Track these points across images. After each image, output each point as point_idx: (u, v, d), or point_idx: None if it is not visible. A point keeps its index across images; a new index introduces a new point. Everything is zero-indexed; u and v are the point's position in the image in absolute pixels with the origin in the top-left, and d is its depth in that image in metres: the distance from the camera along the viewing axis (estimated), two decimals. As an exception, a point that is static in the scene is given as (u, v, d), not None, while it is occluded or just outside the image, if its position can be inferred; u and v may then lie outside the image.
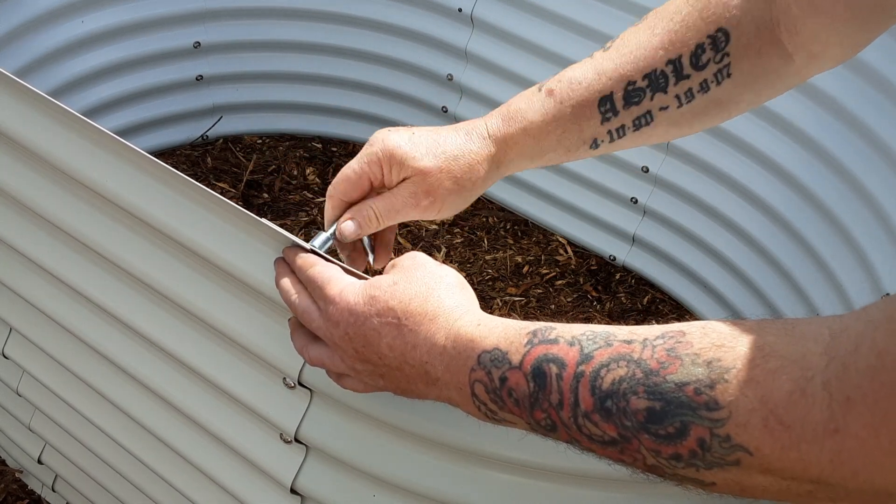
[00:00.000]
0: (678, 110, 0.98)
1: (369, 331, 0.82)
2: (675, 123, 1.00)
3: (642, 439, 0.67)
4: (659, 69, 0.97)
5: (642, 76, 0.97)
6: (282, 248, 0.94)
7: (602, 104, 0.98)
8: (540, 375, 0.72)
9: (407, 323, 0.81)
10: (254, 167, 2.32)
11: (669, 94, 0.97)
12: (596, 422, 0.69)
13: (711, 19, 0.95)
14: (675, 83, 0.97)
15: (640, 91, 0.97)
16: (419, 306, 0.81)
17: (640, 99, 0.98)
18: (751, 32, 0.95)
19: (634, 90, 0.98)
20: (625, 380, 0.67)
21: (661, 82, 0.97)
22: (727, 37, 0.95)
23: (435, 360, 0.80)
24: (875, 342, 0.58)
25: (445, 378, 0.79)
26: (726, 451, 0.63)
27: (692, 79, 0.97)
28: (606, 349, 0.69)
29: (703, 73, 0.97)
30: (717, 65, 0.96)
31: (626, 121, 0.99)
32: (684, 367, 0.65)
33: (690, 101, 0.98)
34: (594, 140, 1.01)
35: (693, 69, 0.96)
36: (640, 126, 1.00)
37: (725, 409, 0.63)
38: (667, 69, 0.97)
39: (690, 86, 0.97)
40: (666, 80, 0.97)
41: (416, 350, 0.80)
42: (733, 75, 0.96)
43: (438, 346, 0.79)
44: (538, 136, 1.01)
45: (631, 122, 0.99)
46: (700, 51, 0.96)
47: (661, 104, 0.98)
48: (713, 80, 0.97)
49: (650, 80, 0.97)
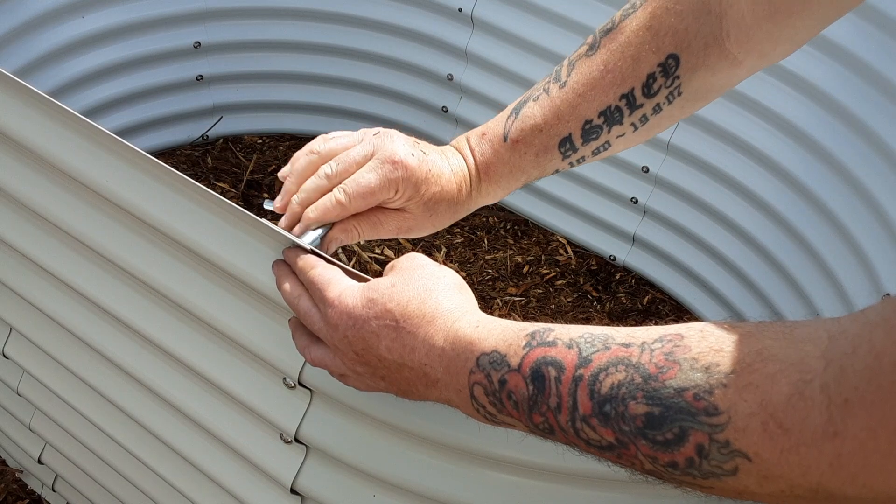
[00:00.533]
0: (633, 134, 1.02)
1: (368, 334, 0.82)
2: (631, 141, 1.04)
3: (639, 445, 0.67)
4: (613, 105, 1.00)
5: (598, 114, 1.00)
6: (282, 249, 0.94)
7: (562, 145, 1.02)
8: (539, 378, 0.72)
9: (405, 325, 0.81)
10: (254, 167, 2.32)
11: (625, 124, 1.01)
12: (594, 426, 0.69)
13: (663, 48, 0.97)
14: (629, 114, 1.00)
15: (597, 128, 1.01)
16: (417, 308, 0.81)
17: (597, 135, 1.02)
18: (699, 51, 0.96)
19: (591, 128, 1.01)
20: (623, 384, 0.67)
21: (617, 116, 1.00)
22: (677, 61, 0.97)
23: (434, 363, 0.80)
24: (872, 344, 0.58)
25: (445, 380, 0.79)
26: (724, 458, 0.63)
27: (645, 106, 1.00)
28: (605, 352, 0.69)
29: (656, 98, 0.99)
30: (668, 88, 0.99)
31: (586, 153, 1.03)
32: (683, 372, 0.65)
33: (645, 123, 1.01)
34: (556, 170, 1.06)
35: (645, 98, 0.99)
36: (599, 153, 1.04)
37: (725, 415, 0.62)
38: (620, 103, 1.00)
39: (644, 112, 1.00)
40: (621, 114, 1.00)
41: (414, 352, 0.80)
42: (684, 93, 0.99)
43: (437, 349, 0.79)
44: (506, 175, 1.05)
45: (590, 152, 1.03)
46: (651, 80, 0.98)
47: (618, 133, 1.02)
48: (665, 102, 1.00)
49: (605, 117, 1.00)
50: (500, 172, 1.04)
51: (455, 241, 2.21)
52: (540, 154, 1.03)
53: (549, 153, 1.03)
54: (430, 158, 1.00)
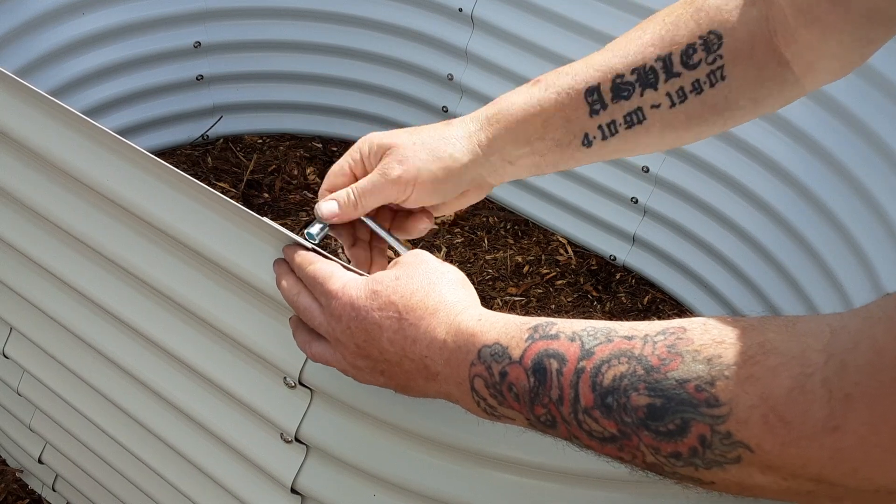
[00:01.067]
0: (671, 110, 0.96)
1: (370, 325, 0.82)
2: (670, 125, 0.98)
3: (642, 436, 0.67)
4: (648, 65, 0.95)
5: (631, 70, 0.96)
6: (282, 248, 0.94)
7: (589, 94, 0.96)
8: (540, 370, 0.72)
9: (408, 317, 0.81)
10: (254, 167, 2.32)
11: (660, 91, 0.96)
12: (596, 418, 0.69)
13: (704, 21, 0.94)
14: (665, 80, 0.95)
15: (628, 85, 0.96)
16: (420, 301, 0.81)
17: (629, 93, 0.96)
18: (744, 38, 0.94)
19: (623, 83, 0.96)
20: (626, 376, 0.67)
21: (651, 78, 0.95)
22: (719, 39, 0.94)
23: (435, 355, 0.80)
24: (874, 339, 0.58)
25: (445, 372, 0.79)
26: (727, 449, 0.63)
27: (683, 77, 0.95)
28: (607, 345, 0.69)
29: (695, 72, 0.95)
30: (710, 66, 0.95)
31: (617, 116, 0.97)
32: (685, 364, 0.65)
33: (683, 100, 0.96)
34: (585, 135, 0.98)
35: (684, 68, 0.95)
36: (633, 124, 0.97)
37: (726, 406, 0.63)
38: (656, 65, 0.95)
39: (682, 84, 0.95)
40: (655, 76, 0.95)
41: (416, 344, 0.80)
42: (727, 78, 0.95)
43: (438, 341, 0.79)
44: (522, 117, 0.99)
45: (622, 117, 0.97)
46: (691, 50, 0.94)
47: (653, 101, 0.96)
48: (706, 81, 0.95)
49: (639, 75, 0.95)
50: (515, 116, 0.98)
51: (455, 241, 2.21)
52: (563, 96, 0.97)
53: (575, 101, 0.97)
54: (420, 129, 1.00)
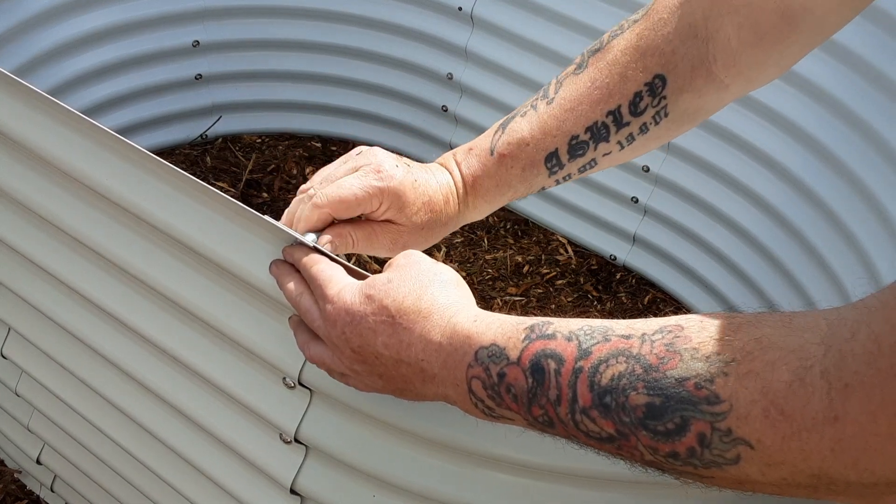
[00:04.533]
0: (620, 152, 1.04)
1: (365, 330, 0.82)
2: (616, 160, 1.05)
3: (640, 436, 0.67)
4: (600, 121, 1.01)
5: (584, 130, 1.02)
6: (282, 247, 0.94)
7: (548, 160, 1.03)
8: (538, 371, 0.72)
9: (401, 321, 0.81)
10: (253, 166, 2.32)
11: (612, 142, 1.02)
12: (594, 418, 0.69)
13: (650, 67, 0.99)
14: (616, 131, 1.01)
15: (583, 144, 1.02)
16: (413, 304, 0.81)
17: (584, 151, 1.03)
18: (686, 74, 0.98)
19: (578, 144, 1.02)
20: (624, 375, 0.68)
21: (603, 133, 1.01)
22: (664, 81, 0.99)
23: (431, 358, 0.80)
24: (871, 328, 0.59)
25: (442, 375, 0.79)
26: (726, 447, 0.63)
27: (632, 125, 1.01)
28: (604, 344, 0.70)
29: (643, 117, 1.01)
30: (655, 108, 1.00)
31: (572, 170, 1.04)
32: (684, 362, 0.65)
33: (631, 143, 1.03)
34: (542, 188, 1.06)
35: (632, 116, 1.01)
36: (585, 170, 1.05)
37: (726, 403, 0.63)
38: (607, 120, 1.01)
39: (631, 131, 1.02)
40: (607, 131, 1.01)
41: (411, 348, 0.81)
42: (671, 114, 1.01)
43: (434, 344, 0.79)
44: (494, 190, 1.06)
45: (576, 170, 1.04)
46: (638, 98, 1.00)
47: (604, 151, 1.03)
48: (652, 122, 1.01)
49: (592, 133, 1.01)
50: (487, 186, 1.05)
51: (455, 241, 2.21)
52: (526, 168, 1.04)
53: (536, 168, 1.04)
54: (414, 171, 1.01)
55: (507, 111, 1.06)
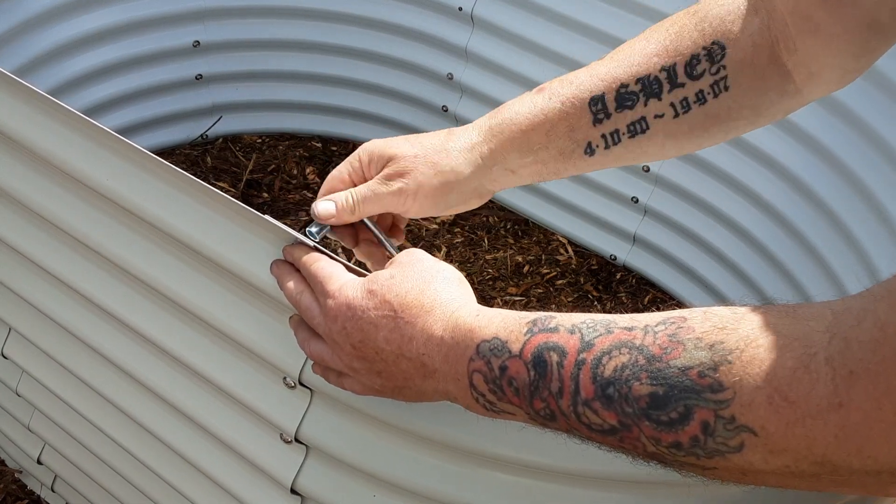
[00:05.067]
0: (674, 120, 0.97)
1: (366, 324, 0.82)
2: (672, 135, 0.99)
3: (643, 427, 0.67)
4: (653, 75, 0.96)
5: (635, 80, 0.97)
6: (282, 246, 0.94)
7: (593, 103, 0.97)
8: (540, 364, 0.72)
9: (403, 315, 0.81)
10: (253, 167, 2.32)
11: (664, 102, 0.97)
12: (596, 409, 0.69)
13: (708, 32, 0.95)
14: (669, 90, 0.96)
15: (632, 95, 0.97)
16: (415, 299, 0.81)
17: (632, 103, 0.97)
18: (748, 48, 0.94)
19: (627, 93, 0.97)
20: (627, 366, 0.67)
21: (655, 87, 0.96)
22: (723, 49, 0.95)
23: (432, 352, 0.80)
24: (877, 315, 0.59)
25: (443, 369, 0.79)
26: (730, 434, 0.63)
27: (687, 87, 0.96)
28: (607, 336, 0.69)
29: (699, 82, 0.96)
30: (713, 76, 0.96)
31: (620, 125, 0.98)
32: (687, 352, 0.65)
33: (687, 111, 0.97)
34: (588, 144, 0.99)
35: (688, 78, 0.96)
36: (636, 133, 0.98)
37: (730, 390, 0.63)
38: (661, 75, 0.96)
39: (685, 95, 0.96)
40: (660, 86, 0.96)
41: (412, 342, 0.80)
42: (731, 88, 0.96)
43: (436, 338, 0.79)
44: (526, 127, 0.99)
45: (625, 126, 0.98)
46: (695, 61, 0.95)
47: (656, 111, 0.97)
48: (710, 92, 0.96)
49: (643, 85, 0.96)
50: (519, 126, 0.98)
51: (455, 241, 2.21)
52: (567, 105, 0.97)
53: (579, 110, 0.97)
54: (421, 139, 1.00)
55: (508, 111, 1.04)
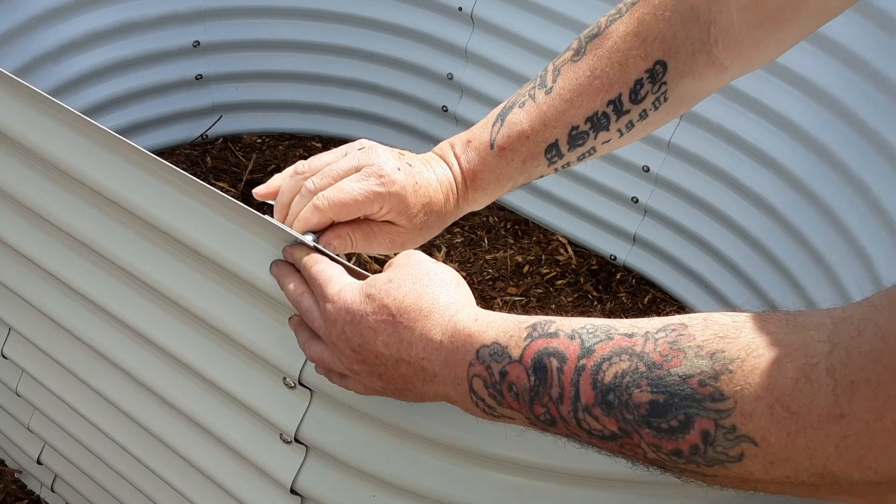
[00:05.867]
0: (619, 139, 1.03)
1: (365, 329, 0.82)
2: (613, 147, 1.04)
3: (643, 433, 0.67)
4: (600, 111, 1.00)
5: (584, 120, 1.01)
6: (283, 247, 0.94)
7: (549, 151, 1.02)
8: (541, 369, 0.72)
9: (402, 320, 0.81)
10: (253, 166, 2.32)
11: (612, 130, 1.01)
12: (597, 416, 0.69)
13: (651, 53, 0.98)
14: (616, 119, 1.01)
15: (583, 134, 1.01)
16: (413, 303, 0.81)
17: (584, 141, 1.02)
18: (687, 58, 0.98)
19: (578, 134, 1.01)
20: (627, 373, 0.67)
21: (604, 122, 1.01)
22: (665, 67, 0.98)
23: (432, 356, 0.80)
24: (878, 326, 0.59)
25: (442, 374, 0.79)
26: (730, 444, 0.63)
27: (631, 112, 1.01)
28: (607, 343, 0.70)
29: (643, 104, 1.00)
30: (655, 94, 1.00)
31: (571, 158, 1.04)
32: (688, 360, 0.65)
33: (630, 129, 1.02)
34: (541, 175, 1.06)
35: (632, 104, 1.00)
36: (584, 158, 1.04)
37: (731, 400, 0.63)
38: (608, 109, 1.00)
39: (630, 118, 1.01)
40: (608, 120, 1.01)
41: (411, 347, 0.80)
42: (670, 99, 1.00)
43: (435, 342, 0.79)
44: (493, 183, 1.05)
45: (575, 158, 1.04)
46: (638, 86, 0.99)
47: (604, 139, 1.02)
48: (651, 108, 1.01)
49: (592, 123, 1.01)
50: (487, 180, 1.04)
51: (455, 241, 2.21)
52: (527, 160, 1.03)
53: (536, 159, 1.03)
54: (416, 171, 1.00)
55: (508, 111, 1.06)
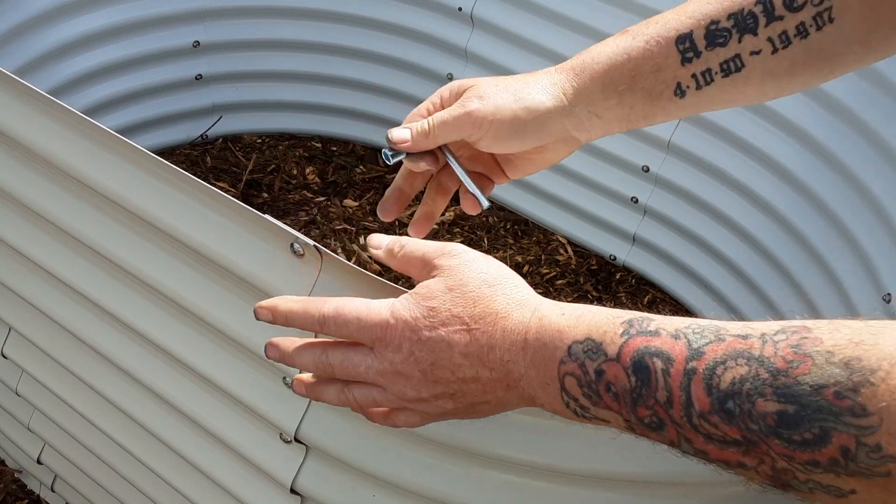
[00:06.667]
0: (773, 56, 0.88)
1: (437, 344, 0.76)
2: (772, 73, 0.90)
3: (772, 444, 0.61)
4: (747, 9, 0.87)
5: (727, 16, 0.88)
6: (288, 244, 0.94)
7: (680, 41, 0.89)
8: (642, 370, 0.67)
9: (478, 326, 0.75)
10: (253, 167, 2.32)
11: (760, 37, 0.87)
12: (715, 423, 0.64)
13: None
14: (766, 24, 0.87)
15: (724, 31, 0.88)
16: (486, 307, 0.76)
17: (724, 40, 0.88)
18: None
19: (718, 30, 0.88)
20: (747, 380, 0.62)
21: (750, 22, 0.87)
22: None
23: (517, 358, 0.74)
24: None
25: (529, 374, 0.74)
26: (874, 462, 0.57)
27: (786, 20, 0.87)
28: (719, 344, 0.64)
29: (800, 14, 0.87)
30: (816, 7, 0.86)
31: (712, 63, 0.89)
32: (818, 367, 0.59)
33: (787, 45, 0.88)
34: (677, 85, 0.91)
35: (787, 10, 0.87)
36: (730, 72, 0.89)
37: (875, 416, 0.56)
38: (755, 9, 0.87)
39: (785, 28, 0.87)
40: (755, 21, 0.87)
41: (493, 351, 0.75)
42: (836, 20, 0.87)
43: (519, 342, 0.74)
44: (608, 66, 0.92)
45: (718, 65, 0.89)
46: None
47: (752, 48, 0.88)
48: (812, 24, 0.87)
49: (736, 21, 0.88)
50: (602, 65, 0.91)
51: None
52: (652, 44, 0.89)
53: (665, 49, 0.89)
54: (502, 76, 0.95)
55: (508, 111, 1.03)
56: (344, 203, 2.26)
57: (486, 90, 0.94)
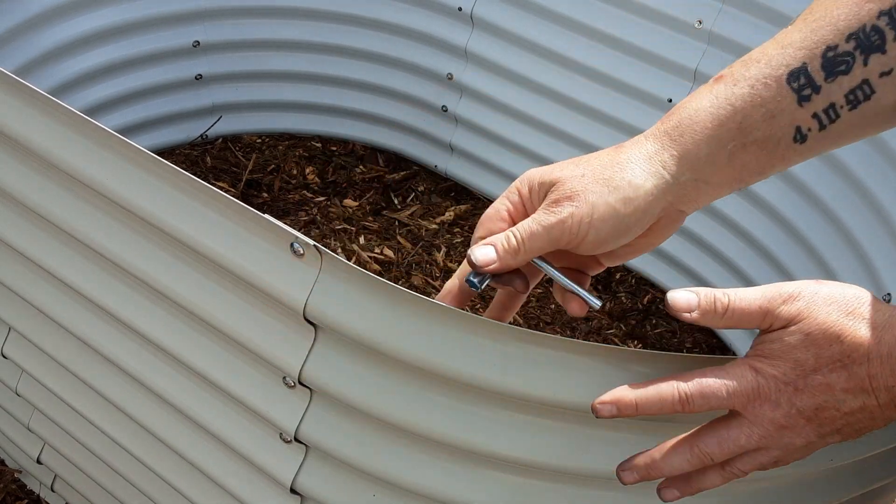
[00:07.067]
0: None
1: (816, 388, 0.73)
2: None
3: None
4: (869, 24, 0.73)
5: (846, 37, 0.74)
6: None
7: (793, 78, 0.75)
8: None
9: (853, 358, 0.72)
10: (253, 166, 2.32)
11: (890, 53, 0.74)
12: None
13: None
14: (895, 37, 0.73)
15: (845, 56, 0.74)
16: (853, 338, 0.72)
17: (847, 66, 0.74)
18: None
19: (837, 56, 0.74)
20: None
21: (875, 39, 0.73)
22: None
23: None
24: None
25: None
26: None
27: None
28: None
29: None
30: None
31: (836, 97, 0.75)
32: None
33: None
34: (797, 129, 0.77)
35: None
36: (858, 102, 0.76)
37: None
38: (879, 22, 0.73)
39: None
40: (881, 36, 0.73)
41: (875, 379, 0.72)
42: None
43: (893, 358, 0.71)
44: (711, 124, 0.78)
45: (843, 97, 0.75)
46: None
47: (882, 67, 0.74)
48: None
49: (858, 41, 0.74)
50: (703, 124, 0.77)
51: (455, 241, 2.21)
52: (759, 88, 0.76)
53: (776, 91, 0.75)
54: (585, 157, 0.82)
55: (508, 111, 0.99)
56: (344, 203, 2.26)
57: (574, 186, 0.80)
